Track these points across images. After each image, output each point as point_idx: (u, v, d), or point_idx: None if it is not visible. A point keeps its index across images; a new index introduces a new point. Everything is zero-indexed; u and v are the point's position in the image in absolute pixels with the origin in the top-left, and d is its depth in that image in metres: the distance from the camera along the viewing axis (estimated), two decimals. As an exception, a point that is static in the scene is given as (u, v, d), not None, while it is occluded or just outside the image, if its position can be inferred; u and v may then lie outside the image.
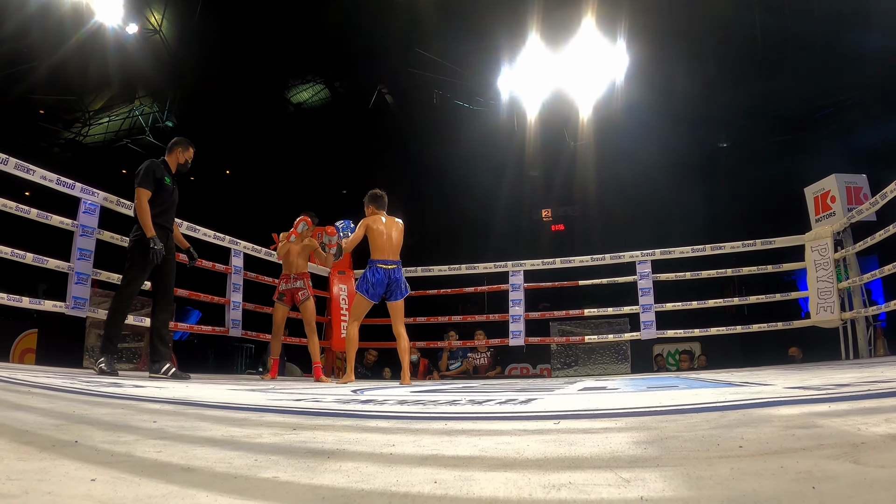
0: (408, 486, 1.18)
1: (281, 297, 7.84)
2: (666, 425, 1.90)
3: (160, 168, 6.10)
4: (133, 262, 5.93)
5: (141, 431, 1.84)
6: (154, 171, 6.00)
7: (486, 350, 11.23)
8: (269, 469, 1.33)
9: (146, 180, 5.90)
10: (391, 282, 6.73)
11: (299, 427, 2.01)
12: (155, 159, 6.15)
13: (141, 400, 3.02)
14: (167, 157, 6.31)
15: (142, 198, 5.84)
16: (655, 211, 16.80)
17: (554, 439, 1.68)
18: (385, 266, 6.71)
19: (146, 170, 5.96)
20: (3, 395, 2.83)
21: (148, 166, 5.99)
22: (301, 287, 7.83)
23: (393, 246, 6.79)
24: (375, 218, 6.85)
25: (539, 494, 1.12)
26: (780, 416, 1.98)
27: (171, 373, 5.90)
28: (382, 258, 6.72)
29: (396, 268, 6.77)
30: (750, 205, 15.75)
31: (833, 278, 8.20)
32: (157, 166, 6.07)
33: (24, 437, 1.64)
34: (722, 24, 14.36)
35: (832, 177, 8.53)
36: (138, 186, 5.87)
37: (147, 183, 5.90)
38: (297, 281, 7.84)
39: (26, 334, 10.76)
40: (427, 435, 1.85)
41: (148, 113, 17.91)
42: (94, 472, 1.26)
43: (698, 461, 1.33)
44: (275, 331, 7.87)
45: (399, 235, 6.89)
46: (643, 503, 1.06)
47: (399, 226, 6.93)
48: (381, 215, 6.91)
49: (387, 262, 6.72)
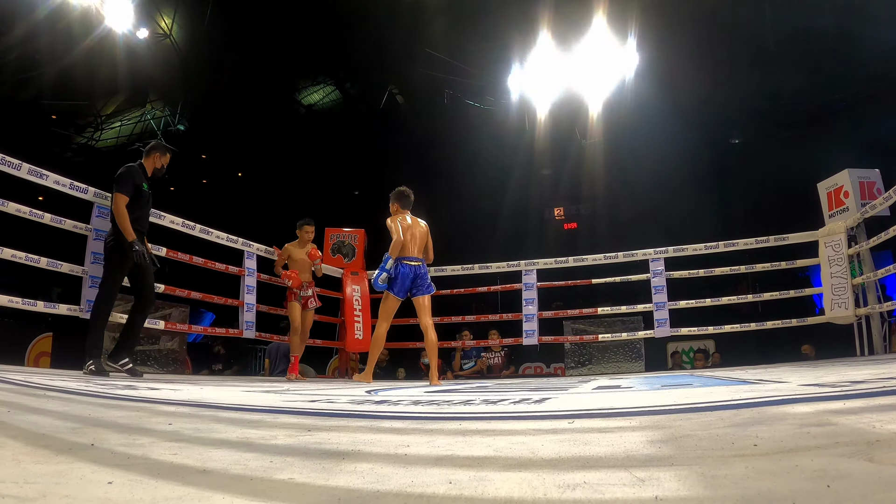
0: (423, 486, 1.18)
1: (298, 299, 8.08)
2: (680, 424, 1.90)
3: (139, 174, 6.16)
4: (111, 265, 6.02)
5: (156, 434, 1.85)
6: (134, 177, 6.06)
7: (501, 349, 11.23)
8: (284, 471, 1.33)
9: (125, 186, 5.97)
10: (417, 277, 6.77)
11: (314, 428, 2.01)
12: (133, 164, 6.19)
13: (156, 402, 3.03)
14: (144, 161, 6.37)
15: (120, 203, 5.90)
16: (667, 208, 16.72)
17: (568, 439, 1.68)
18: (410, 262, 6.75)
19: (125, 175, 6.02)
20: (20, 399, 2.85)
21: (127, 171, 6.05)
22: (311, 296, 8.21)
23: (417, 244, 6.82)
24: (402, 217, 6.91)
25: (554, 494, 1.11)
26: (795, 414, 1.97)
27: (126, 368, 6.04)
28: (407, 255, 6.76)
29: (421, 264, 6.83)
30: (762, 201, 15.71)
31: (847, 274, 8.14)
32: (136, 172, 6.13)
33: (40, 440, 1.65)
34: (732, 19, 14.31)
35: (845, 172, 8.47)
36: (117, 192, 5.93)
37: (126, 188, 5.96)
38: (309, 289, 8.20)
39: (41, 338, 10.82)
40: (441, 435, 1.85)
41: (159, 117, 18.00)
42: (110, 474, 1.27)
43: (713, 460, 1.32)
44: (294, 328, 8.03)
45: (423, 236, 6.92)
46: (658, 502, 1.06)
47: (423, 227, 6.96)
48: (406, 214, 6.97)
49: (411, 259, 6.76)
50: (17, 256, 5.97)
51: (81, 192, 6.47)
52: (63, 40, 13.61)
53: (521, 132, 16.57)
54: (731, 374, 5.63)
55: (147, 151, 6.42)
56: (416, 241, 6.81)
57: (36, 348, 10.70)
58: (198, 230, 7.63)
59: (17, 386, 3.47)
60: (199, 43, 16.19)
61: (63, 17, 12.82)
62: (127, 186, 5.97)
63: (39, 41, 13.76)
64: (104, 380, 4.87)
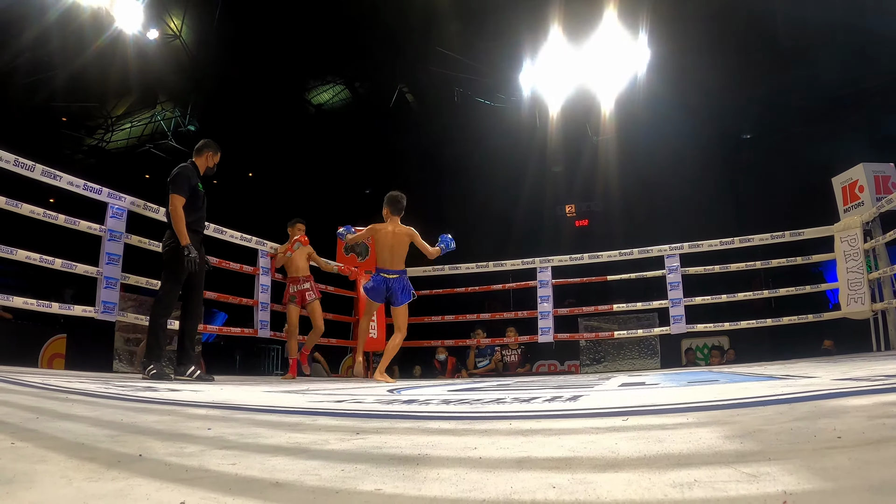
0: (528, 492, 1.11)
1: (292, 299, 8.17)
2: (741, 419, 1.86)
3: (194, 174, 6.06)
4: (169, 271, 5.91)
5: (201, 441, 1.77)
6: (189, 178, 5.95)
7: (518, 347, 11.20)
8: (363, 480, 1.25)
9: (181, 187, 5.85)
10: (389, 289, 6.94)
11: (362, 431, 1.95)
12: (186, 164, 6.08)
13: (184, 405, 2.99)
14: (196, 160, 6.25)
15: (177, 204, 5.78)
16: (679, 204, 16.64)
17: (637, 436, 1.63)
18: (385, 275, 6.95)
19: (181, 175, 5.90)
20: (43, 403, 2.77)
21: (182, 171, 5.93)
22: (308, 288, 8.24)
23: (394, 258, 6.99)
24: (383, 227, 7.06)
25: (675, 495, 1.06)
26: (855, 407, 1.95)
27: (195, 376, 5.91)
28: (384, 267, 6.98)
29: (397, 278, 6.97)
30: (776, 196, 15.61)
31: (863, 269, 8.10)
32: (191, 172, 6.02)
33: (82, 451, 1.55)
34: (743, 13, 14.25)
35: (860, 166, 8.41)
36: (173, 193, 5.80)
37: (182, 189, 5.84)
38: (305, 283, 8.25)
39: (55, 339, 10.80)
40: (500, 436, 1.79)
41: (170, 118, 18.03)
42: (177, 491, 1.17)
43: (807, 453, 1.29)
44: (290, 331, 8.18)
45: (402, 247, 7.05)
46: (787, 497, 1.01)
47: (404, 238, 7.03)
48: (390, 223, 7.06)
49: (388, 272, 6.95)
50: (31, 258, 5.94)
51: (95, 193, 6.45)
52: (73, 43, 13.65)
53: (533, 129, 16.55)
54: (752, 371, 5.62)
55: (198, 150, 6.31)
56: (394, 254, 6.99)
57: (49, 350, 10.67)
58: (211, 229, 7.60)
59: (37, 389, 3.43)
60: (209, 44, 16.22)
61: (73, 19, 12.84)
62: (183, 187, 5.87)
63: (50, 44, 13.78)
64: (124, 381, 4.84)
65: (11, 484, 1.19)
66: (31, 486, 1.18)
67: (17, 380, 3.96)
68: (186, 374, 5.90)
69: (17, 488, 1.17)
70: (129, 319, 6.87)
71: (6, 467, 1.33)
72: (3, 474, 1.26)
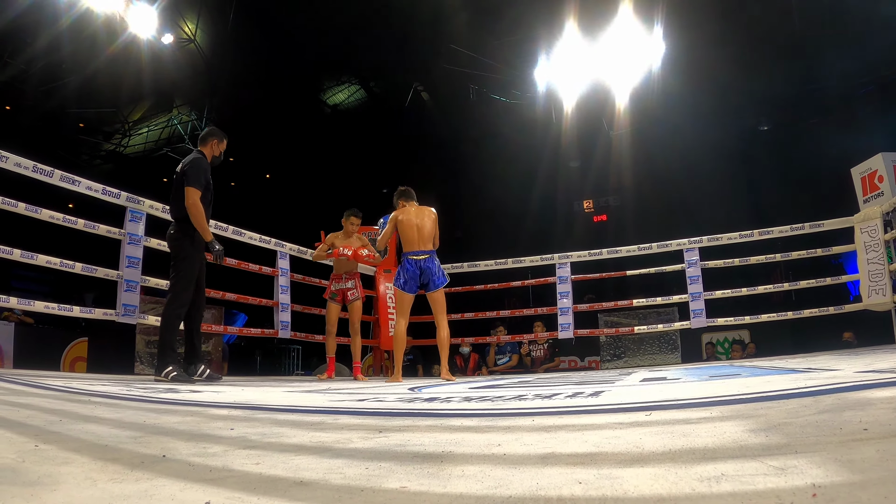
0: (554, 488, 1.11)
1: (333, 297, 7.83)
2: (765, 413, 1.85)
3: (209, 167, 5.82)
4: (181, 267, 5.66)
5: (224, 441, 1.78)
6: (206, 170, 5.73)
7: (545, 342, 11.18)
8: (388, 478, 1.25)
9: (198, 179, 5.59)
10: (423, 272, 6.60)
11: (385, 429, 1.95)
12: (199, 156, 5.80)
13: (206, 406, 3.01)
14: (203, 149, 5.95)
15: (196, 199, 5.53)
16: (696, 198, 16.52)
17: (661, 431, 1.63)
18: (415, 257, 6.61)
19: (199, 168, 5.66)
20: (66, 406, 2.80)
21: (199, 164, 5.69)
22: (352, 287, 7.85)
23: (423, 237, 6.65)
24: (404, 210, 6.78)
25: (702, 489, 1.05)
26: (881, 399, 1.93)
27: (205, 374, 5.80)
28: (412, 250, 6.63)
29: (428, 258, 6.63)
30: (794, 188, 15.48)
31: (884, 260, 7.99)
32: (207, 165, 5.79)
33: (106, 452, 1.56)
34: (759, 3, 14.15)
35: (879, 156, 8.27)
36: (190, 186, 5.53)
37: (199, 182, 5.58)
38: (349, 281, 7.86)
39: (76, 343, 10.89)
40: (524, 432, 1.78)
41: (186, 121, 18.11)
42: (202, 491, 1.17)
43: (834, 445, 1.28)
44: (329, 329, 7.83)
45: (431, 224, 6.71)
46: (816, 489, 1.00)
47: (430, 214, 6.76)
48: (410, 206, 6.81)
49: (417, 254, 6.61)
50: (51, 262, 5.98)
51: (114, 197, 6.48)
52: (88, 49, 13.72)
53: (548, 125, 16.49)
54: (774, 364, 5.59)
55: (203, 139, 6.01)
56: (423, 233, 6.65)
57: (71, 353, 10.76)
58: (230, 231, 7.63)
59: (59, 392, 3.46)
60: (223, 47, 16.26)
61: (87, 25, 12.90)
62: (200, 180, 5.61)
63: (65, 50, 13.88)
64: (146, 383, 4.85)
65: (36, 486, 1.20)
66: (55, 488, 1.19)
67: (39, 383, 3.99)
68: (197, 373, 5.73)
69: (42, 490, 1.17)
70: (150, 322, 6.89)
71: (31, 470, 1.33)
72: (28, 476, 1.27)
